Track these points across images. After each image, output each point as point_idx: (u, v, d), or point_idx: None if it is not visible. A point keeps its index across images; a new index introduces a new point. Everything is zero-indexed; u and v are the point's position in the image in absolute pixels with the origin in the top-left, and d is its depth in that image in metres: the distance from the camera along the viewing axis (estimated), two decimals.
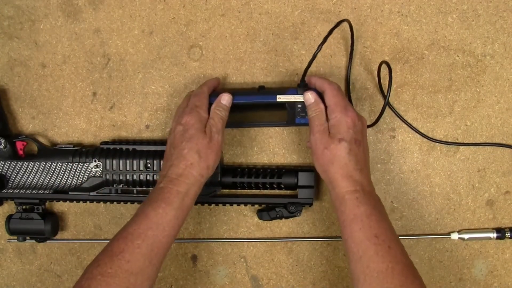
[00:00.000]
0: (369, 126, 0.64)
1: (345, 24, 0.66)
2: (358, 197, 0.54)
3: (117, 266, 0.50)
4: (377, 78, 0.66)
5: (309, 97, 0.60)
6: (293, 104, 0.63)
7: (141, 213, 0.54)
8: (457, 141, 0.68)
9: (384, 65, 0.61)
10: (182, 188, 0.55)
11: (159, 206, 0.54)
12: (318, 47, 0.57)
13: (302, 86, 0.62)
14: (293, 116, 0.64)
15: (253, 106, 0.64)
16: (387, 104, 0.61)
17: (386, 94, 0.60)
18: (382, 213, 0.55)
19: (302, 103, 0.62)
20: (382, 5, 0.66)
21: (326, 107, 0.58)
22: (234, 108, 0.63)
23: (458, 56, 0.67)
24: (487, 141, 0.68)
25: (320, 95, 0.60)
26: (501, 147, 0.68)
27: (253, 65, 0.68)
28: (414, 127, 0.68)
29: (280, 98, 0.62)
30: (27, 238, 0.69)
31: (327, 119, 0.58)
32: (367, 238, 0.52)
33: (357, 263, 0.52)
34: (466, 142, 0.68)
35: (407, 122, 0.67)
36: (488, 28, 0.66)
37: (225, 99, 0.61)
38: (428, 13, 0.66)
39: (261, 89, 0.64)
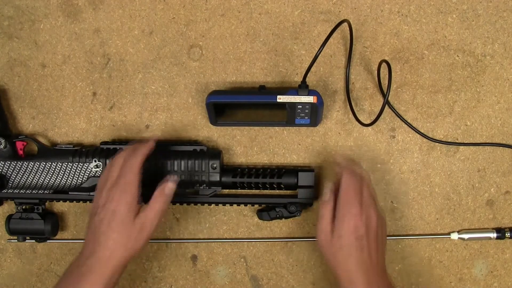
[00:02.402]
0: (368, 125, 0.64)
1: (345, 24, 0.66)
2: None
3: None
4: (377, 78, 0.66)
5: (325, 193, 0.60)
6: (293, 104, 0.62)
7: None
8: (457, 141, 0.68)
9: (384, 65, 0.61)
10: (108, 271, 0.54)
11: None
12: (320, 49, 0.57)
13: (303, 87, 0.61)
14: (293, 116, 0.63)
15: (253, 105, 0.64)
16: (386, 102, 0.61)
17: (385, 93, 0.60)
18: None
19: (303, 104, 0.62)
20: (382, 5, 0.66)
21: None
22: (235, 106, 0.63)
23: (458, 56, 0.67)
24: (487, 141, 0.68)
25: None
26: (501, 147, 0.68)
27: (253, 65, 0.68)
28: (414, 127, 0.68)
29: (281, 99, 0.61)
30: (27, 238, 0.69)
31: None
32: None
33: None
34: (466, 142, 0.68)
35: (407, 122, 0.67)
36: (488, 28, 0.66)
37: (170, 187, 0.58)
38: (428, 13, 0.66)
39: (262, 89, 0.64)
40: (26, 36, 0.68)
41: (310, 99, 0.61)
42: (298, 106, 0.62)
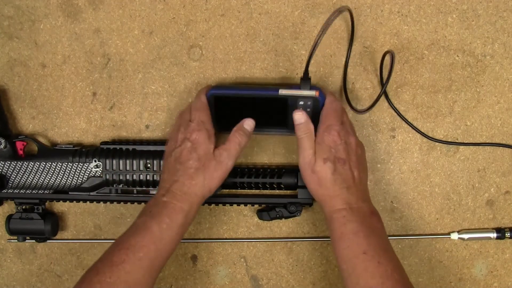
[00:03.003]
0: (363, 111, 0.64)
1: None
2: (345, 215, 0.54)
3: (117, 276, 0.50)
4: (379, 70, 0.66)
5: (299, 116, 0.58)
6: (295, 100, 0.60)
7: (144, 226, 0.54)
8: (457, 141, 0.68)
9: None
10: (186, 205, 0.55)
11: (163, 221, 0.53)
12: (319, 34, 0.53)
13: (305, 78, 0.59)
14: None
15: (252, 106, 0.62)
16: (383, 92, 0.60)
17: (384, 82, 0.60)
18: (372, 228, 0.54)
19: (304, 99, 0.60)
20: (382, 5, 0.66)
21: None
22: (235, 108, 0.62)
23: (458, 56, 0.67)
24: (487, 141, 0.68)
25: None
26: (501, 147, 0.68)
27: (253, 65, 0.68)
28: (414, 126, 0.68)
29: (283, 92, 0.60)
30: (27, 238, 0.69)
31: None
32: (355, 255, 0.52)
33: (347, 280, 0.52)
34: (466, 142, 0.68)
35: (406, 120, 0.67)
36: (488, 28, 0.66)
37: (248, 124, 0.60)
38: (428, 13, 0.66)
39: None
40: (26, 36, 0.68)
41: (312, 93, 0.60)
42: (300, 103, 0.60)
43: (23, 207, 0.68)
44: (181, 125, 0.59)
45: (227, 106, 0.62)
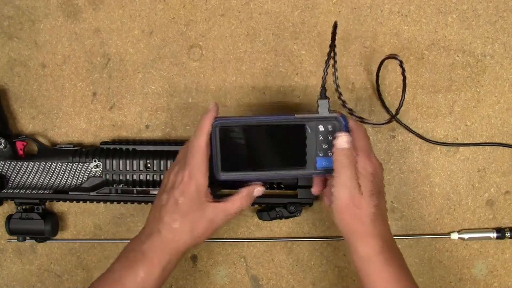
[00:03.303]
0: (383, 124, 0.63)
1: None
2: (386, 257, 0.50)
3: None
4: (375, 77, 0.66)
5: (343, 139, 0.49)
6: (314, 125, 0.51)
7: (118, 278, 0.50)
8: (457, 141, 0.68)
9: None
10: (164, 260, 0.51)
11: (138, 275, 0.50)
12: (329, 56, 0.50)
13: (323, 97, 0.51)
14: (314, 152, 0.52)
15: (263, 139, 0.52)
16: (402, 103, 0.61)
17: (403, 89, 0.59)
18: (408, 272, 0.52)
19: (326, 122, 0.51)
20: (382, 5, 0.66)
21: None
22: (240, 144, 0.52)
23: (458, 56, 0.67)
24: (487, 141, 0.68)
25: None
26: (501, 147, 0.68)
27: (253, 65, 0.68)
28: (411, 129, 0.68)
29: (299, 115, 0.51)
30: (27, 238, 0.69)
31: None
32: None
33: None
34: (466, 142, 0.68)
35: (405, 125, 0.67)
36: (488, 28, 0.66)
37: (259, 191, 0.54)
38: (428, 13, 0.66)
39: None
40: (26, 36, 0.68)
41: (334, 115, 0.51)
42: (320, 128, 0.51)
43: (23, 207, 0.68)
44: (178, 164, 0.54)
45: (234, 140, 0.53)
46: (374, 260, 0.50)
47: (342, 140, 0.49)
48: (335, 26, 0.51)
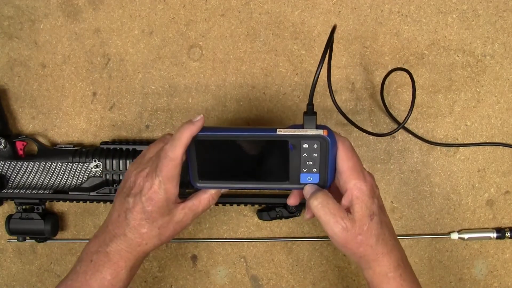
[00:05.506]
0: (385, 135, 0.63)
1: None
2: (401, 274, 0.50)
3: None
4: (380, 87, 0.66)
5: (307, 189, 0.50)
6: (298, 142, 0.48)
7: (84, 281, 0.50)
8: (457, 141, 0.68)
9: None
10: (130, 262, 0.51)
11: (105, 278, 0.49)
12: (319, 66, 0.47)
13: (310, 113, 0.48)
14: (298, 169, 0.50)
15: (242, 153, 0.50)
16: (411, 111, 0.61)
17: (412, 101, 0.58)
18: (418, 284, 0.52)
19: (309, 141, 0.48)
20: (382, 5, 0.66)
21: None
22: (218, 157, 0.51)
23: (458, 56, 0.67)
24: (487, 141, 0.68)
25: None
26: (501, 147, 0.68)
27: (253, 65, 0.68)
28: (412, 131, 0.68)
29: (281, 131, 0.48)
30: (27, 238, 0.69)
31: (340, 189, 0.50)
32: None
33: None
34: (466, 142, 0.68)
35: (404, 126, 0.67)
36: (488, 28, 0.66)
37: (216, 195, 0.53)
38: (428, 13, 0.66)
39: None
40: (26, 36, 0.68)
41: (320, 132, 0.48)
42: (304, 145, 0.49)
43: (23, 207, 0.68)
44: (145, 167, 0.51)
45: (213, 152, 0.51)
46: (390, 277, 0.49)
47: (307, 190, 0.50)
48: (332, 31, 0.48)
